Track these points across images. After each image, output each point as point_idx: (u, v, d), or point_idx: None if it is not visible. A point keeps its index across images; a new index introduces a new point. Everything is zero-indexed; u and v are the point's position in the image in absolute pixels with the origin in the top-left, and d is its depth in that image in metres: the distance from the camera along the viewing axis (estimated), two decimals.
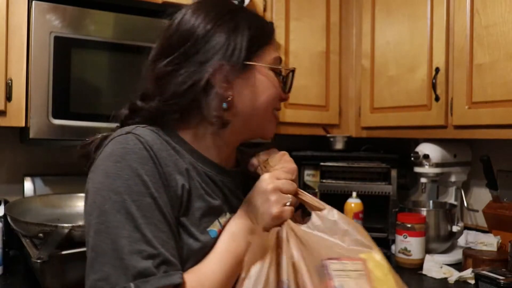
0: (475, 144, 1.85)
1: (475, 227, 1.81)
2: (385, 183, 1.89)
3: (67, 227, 1.18)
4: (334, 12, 2.01)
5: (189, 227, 0.75)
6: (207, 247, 0.76)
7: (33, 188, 1.65)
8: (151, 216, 0.69)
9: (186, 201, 0.75)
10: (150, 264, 0.66)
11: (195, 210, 0.76)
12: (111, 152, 0.73)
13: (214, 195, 0.80)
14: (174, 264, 0.70)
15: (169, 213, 0.72)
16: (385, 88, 1.85)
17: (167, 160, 0.75)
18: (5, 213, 1.34)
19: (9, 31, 1.37)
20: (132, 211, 0.68)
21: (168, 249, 0.69)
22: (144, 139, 0.74)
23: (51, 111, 1.40)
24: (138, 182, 0.70)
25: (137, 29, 1.52)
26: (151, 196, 0.70)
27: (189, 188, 0.76)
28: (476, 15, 1.47)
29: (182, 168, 0.77)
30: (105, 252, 0.67)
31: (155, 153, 0.73)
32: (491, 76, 1.42)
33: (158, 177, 0.72)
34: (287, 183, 0.78)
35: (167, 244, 0.70)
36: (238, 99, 0.80)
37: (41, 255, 1.09)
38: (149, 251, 0.67)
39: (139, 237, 0.67)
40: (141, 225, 0.68)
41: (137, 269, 0.66)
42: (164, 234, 0.70)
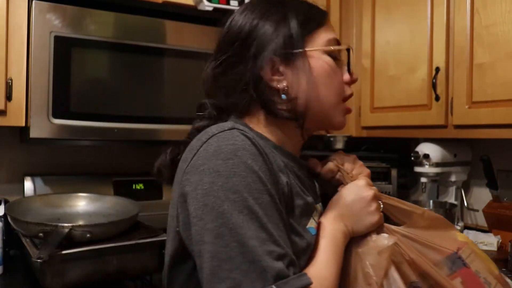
0: (475, 144, 1.85)
1: (475, 227, 1.81)
2: (385, 182, 1.89)
3: (67, 227, 1.18)
4: (334, 11, 2.01)
5: (294, 226, 0.72)
6: (311, 245, 0.74)
7: (33, 188, 1.65)
8: (272, 215, 0.65)
9: (290, 199, 0.72)
10: (282, 266, 0.62)
11: (296, 208, 0.73)
12: (217, 149, 0.67)
13: (307, 192, 0.79)
14: (297, 265, 0.66)
15: (281, 211, 0.68)
16: (385, 88, 1.85)
17: (270, 156, 0.70)
18: (5, 213, 1.34)
19: (9, 30, 1.37)
20: (256, 210, 0.63)
21: (290, 249, 0.66)
22: (251, 135, 0.70)
23: (51, 111, 1.40)
24: (255, 179, 0.65)
25: (137, 28, 1.52)
26: (269, 194, 0.66)
27: (290, 185, 0.73)
28: (476, 14, 1.47)
29: (281, 164, 0.73)
30: (232, 257, 0.61)
31: (263, 149, 0.69)
32: (491, 75, 1.42)
33: (269, 174, 0.68)
34: (378, 190, 0.81)
35: (287, 243, 0.66)
36: (297, 88, 0.76)
37: (41, 254, 1.09)
38: (278, 251, 0.63)
39: (266, 237, 0.63)
40: (266, 224, 0.63)
41: (276, 271, 0.61)
42: (284, 234, 0.67)
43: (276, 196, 0.68)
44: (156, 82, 1.56)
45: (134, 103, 1.52)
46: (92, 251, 1.20)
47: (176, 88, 1.59)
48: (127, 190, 1.76)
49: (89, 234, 1.20)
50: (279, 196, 0.69)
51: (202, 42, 1.61)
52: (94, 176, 1.77)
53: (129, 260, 1.26)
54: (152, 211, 1.71)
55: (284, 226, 0.68)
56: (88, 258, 1.20)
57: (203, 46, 1.59)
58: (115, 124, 1.49)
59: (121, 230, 1.30)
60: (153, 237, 1.31)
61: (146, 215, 1.54)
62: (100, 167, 1.84)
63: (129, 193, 1.74)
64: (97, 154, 1.84)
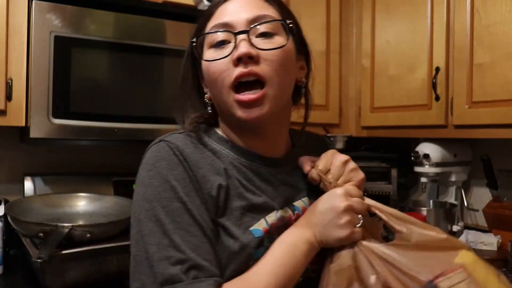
0: (475, 144, 1.85)
1: (475, 227, 1.81)
2: (385, 182, 1.89)
3: (67, 227, 1.18)
4: (334, 11, 2.01)
5: (229, 228, 0.72)
6: (248, 247, 0.71)
7: (33, 188, 1.65)
8: (180, 221, 0.68)
9: (223, 201, 0.73)
10: (178, 270, 0.65)
11: (234, 209, 0.73)
12: (146, 161, 0.75)
13: (259, 192, 0.76)
14: (207, 269, 0.67)
15: (201, 216, 0.70)
16: (385, 88, 1.85)
17: (200, 162, 0.74)
18: (5, 213, 1.34)
19: (9, 30, 1.37)
20: (161, 218, 0.68)
21: (200, 254, 0.67)
22: (175, 145, 0.74)
23: (51, 111, 1.40)
24: (167, 188, 0.70)
25: (137, 28, 1.52)
26: (180, 201, 0.69)
27: (226, 187, 0.74)
28: (476, 14, 1.47)
29: (220, 168, 0.75)
30: (141, 262, 0.68)
31: (185, 157, 0.73)
32: (491, 75, 1.42)
33: (188, 181, 0.71)
34: (360, 202, 0.73)
35: (199, 248, 0.68)
36: (206, 83, 0.80)
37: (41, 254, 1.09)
38: (177, 257, 0.66)
39: (167, 243, 0.67)
40: (170, 231, 0.67)
41: (165, 276, 0.65)
42: (195, 238, 0.68)
43: (194, 202, 0.70)
44: (156, 82, 1.56)
45: (134, 103, 1.52)
46: (92, 251, 1.20)
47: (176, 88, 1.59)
48: (127, 190, 1.76)
49: (89, 234, 1.20)
50: (203, 200, 0.71)
51: None
52: (94, 176, 1.77)
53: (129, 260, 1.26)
54: None
55: (202, 231, 0.69)
56: (88, 258, 1.20)
57: None
58: (115, 124, 1.49)
59: (121, 230, 1.30)
60: None
61: None
62: (100, 167, 1.84)
63: (129, 193, 1.72)
64: (97, 154, 1.84)
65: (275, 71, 0.74)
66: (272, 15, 0.77)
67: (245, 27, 0.74)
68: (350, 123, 2.05)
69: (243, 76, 0.72)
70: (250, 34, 0.74)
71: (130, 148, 1.92)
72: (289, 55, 0.77)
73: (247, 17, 0.75)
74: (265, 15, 0.76)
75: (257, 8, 0.77)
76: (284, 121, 0.83)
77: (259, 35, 0.75)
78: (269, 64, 0.73)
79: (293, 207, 0.80)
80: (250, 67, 0.72)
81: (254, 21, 0.75)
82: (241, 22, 0.75)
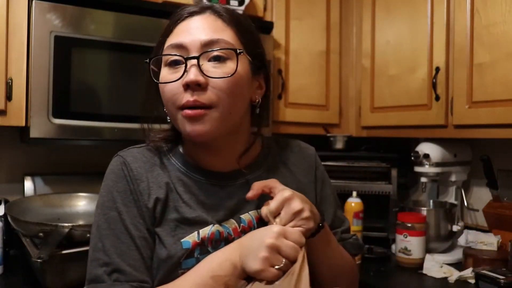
0: (475, 144, 1.85)
1: (475, 227, 1.81)
2: (385, 182, 1.89)
3: (67, 227, 1.18)
4: (334, 11, 2.01)
5: (162, 237, 0.78)
6: (174, 257, 0.76)
7: (33, 188, 1.65)
8: (114, 228, 0.78)
9: (160, 213, 0.79)
10: (102, 272, 0.75)
11: (170, 221, 0.79)
12: (106, 172, 0.84)
13: (196, 206, 0.80)
14: (129, 273, 0.75)
15: (135, 226, 0.78)
16: (386, 88, 1.85)
17: (143, 176, 0.81)
18: (6, 213, 1.34)
19: (9, 30, 1.37)
20: (100, 224, 0.79)
21: (125, 259, 0.76)
22: (126, 160, 0.82)
23: (51, 111, 1.40)
24: (109, 198, 0.80)
25: (137, 28, 1.52)
26: (117, 210, 0.79)
27: (165, 200, 0.80)
28: (476, 14, 1.47)
29: (162, 182, 0.81)
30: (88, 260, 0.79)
31: (131, 171, 0.81)
32: (491, 75, 1.42)
33: (129, 193, 0.80)
34: (290, 247, 0.70)
35: (125, 254, 0.76)
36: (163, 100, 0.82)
37: (42, 254, 1.09)
38: (104, 260, 0.76)
39: (100, 246, 0.77)
40: (103, 236, 0.78)
41: (91, 275, 0.76)
42: (123, 245, 0.77)
43: (130, 212, 0.78)
44: None
45: (134, 103, 1.52)
46: None
47: None
48: None
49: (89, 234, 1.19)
50: (140, 211, 0.79)
51: None
52: (94, 176, 1.77)
53: None
54: None
55: (131, 239, 0.77)
56: None
57: None
58: (115, 124, 1.49)
59: None
60: None
61: None
62: (100, 167, 1.83)
63: None
64: (97, 154, 1.84)
65: (222, 98, 0.76)
66: (227, 39, 0.78)
67: (197, 51, 0.76)
68: (350, 123, 2.05)
69: (189, 105, 0.75)
70: (201, 59, 0.76)
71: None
72: (239, 81, 0.78)
73: (201, 40, 0.77)
74: (219, 40, 0.77)
75: (213, 30, 0.78)
76: (239, 138, 0.85)
77: (211, 59, 0.77)
78: (216, 93, 0.75)
79: (239, 219, 0.82)
80: (196, 95, 0.75)
81: (207, 45, 0.77)
82: (194, 45, 0.77)
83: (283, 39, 1.89)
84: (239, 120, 0.82)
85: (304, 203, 0.75)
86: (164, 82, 0.78)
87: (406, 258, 1.59)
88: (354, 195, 1.80)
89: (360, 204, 1.80)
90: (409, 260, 1.58)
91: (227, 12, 0.82)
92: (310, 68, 1.95)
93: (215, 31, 0.78)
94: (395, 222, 1.66)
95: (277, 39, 1.87)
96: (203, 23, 0.79)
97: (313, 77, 1.96)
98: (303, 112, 1.93)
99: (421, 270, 1.54)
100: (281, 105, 1.88)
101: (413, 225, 1.59)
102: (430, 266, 1.53)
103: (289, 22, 1.90)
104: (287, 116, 1.89)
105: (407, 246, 1.59)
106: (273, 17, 1.86)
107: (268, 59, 1.78)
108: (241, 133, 0.85)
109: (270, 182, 0.80)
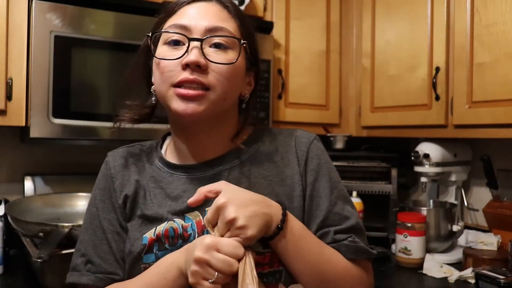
0: (476, 144, 1.85)
1: (475, 227, 1.81)
2: (385, 182, 1.89)
3: (67, 227, 1.18)
4: (335, 11, 2.01)
5: (130, 232, 0.83)
6: (134, 252, 0.80)
7: (34, 188, 1.65)
8: (92, 223, 0.85)
9: (129, 209, 0.84)
10: (80, 262, 0.83)
11: (137, 217, 0.83)
12: None
13: (163, 200, 0.82)
14: (98, 265, 0.82)
15: (108, 221, 0.84)
16: (386, 88, 1.85)
17: (118, 174, 0.87)
18: (6, 213, 1.34)
19: (9, 30, 1.37)
20: (85, 218, 0.87)
21: (97, 252, 0.83)
22: (108, 159, 0.90)
23: (51, 111, 1.40)
24: (93, 195, 0.88)
25: (137, 28, 1.52)
26: (95, 207, 0.86)
27: (133, 197, 0.84)
28: (476, 14, 1.47)
29: (132, 180, 0.86)
30: None
31: (109, 169, 0.88)
32: (491, 75, 1.42)
33: (107, 191, 0.86)
34: (222, 262, 0.65)
35: (97, 247, 0.83)
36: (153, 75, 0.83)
37: (42, 254, 1.09)
38: (82, 251, 0.84)
39: (82, 239, 0.85)
40: (84, 230, 0.86)
41: (72, 264, 0.85)
42: (97, 239, 0.84)
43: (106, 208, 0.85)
44: None
45: None
46: None
47: None
48: None
49: None
50: (113, 207, 0.85)
51: None
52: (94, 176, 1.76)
53: None
54: None
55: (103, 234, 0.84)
56: None
57: None
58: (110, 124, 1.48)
59: None
60: None
61: None
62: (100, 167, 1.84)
63: None
64: (97, 154, 1.84)
65: (221, 82, 0.77)
66: (230, 30, 0.79)
67: (201, 35, 0.77)
68: (350, 123, 2.05)
69: (187, 82, 0.75)
70: (204, 43, 0.76)
71: None
72: (237, 71, 0.79)
73: (206, 26, 0.77)
74: (223, 28, 0.78)
75: (218, 18, 0.79)
76: (219, 129, 0.84)
77: (212, 45, 0.78)
78: (216, 76, 0.76)
79: (204, 212, 0.78)
80: (196, 75, 0.75)
81: (211, 31, 0.78)
82: (198, 29, 0.77)
83: (283, 39, 1.89)
84: (228, 109, 0.83)
85: (241, 209, 0.68)
86: (163, 59, 0.78)
87: (406, 258, 1.59)
88: (354, 195, 1.80)
89: (360, 204, 1.80)
90: (409, 260, 1.58)
91: (232, 4, 0.83)
92: (310, 68, 1.95)
93: (219, 20, 0.79)
94: (395, 222, 1.66)
95: (277, 39, 1.87)
96: (208, 9, 0.80)
97: (313, 77, 1.96)
98: (303, 112, 1.93)
99: (421, 270, 1.53)
100: (281, 105, 1.88)
101: (413, 225, 1.59)
102: (430, 266, 1.53)
103: (289, 22, 1.90)
104: (287, 116, 1.89)
105: (407, 246, 1.59)
106: (273, 17, 1.87)
107: (268, 59, 1.78)
108: (225, 125, 0.85)
109: (218, 185, 0.74)
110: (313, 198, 0.83)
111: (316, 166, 0.85)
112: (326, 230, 0.81)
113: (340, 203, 0.84)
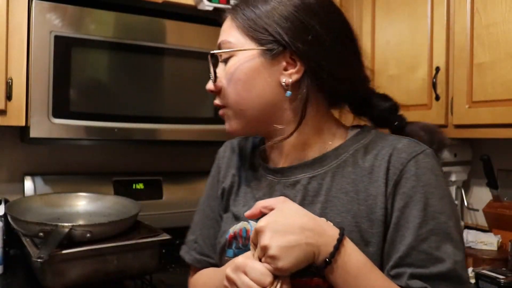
0: (476, 143, 1.85)
1: (475, 226, 1.81)
2: None
3: (67, 226, 1.18)
4: None
5: (222, 223, 0.88)
6: (221, 243, 0.84)
7: (34, 187, 1.65)
8: (203, 206, 0.94)
9: (225, 201, 0.88)
10: (191, 239, 0.93)
11: (229, 210, 0.87)
12: None
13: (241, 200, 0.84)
14: (201, 245, 0.90)
15: (211, 208, 0.92)
16: (385, 88, 1.82)
17: (224, 165, 0.92)
18: (6, 212, 1.34)
19: (9, 30, 1.37)
20: (200, 201, 0.96)
21: (202, 234, 0.91)
22: (222, 149, 0.95)
23: (51, 110, 1.40)
24: (208, 179, 0.95)
25: (137, 28, 1.52)
26: (206, 191, 0.94)
27: (228, 191, 0.88)
28: (476, 14, 1.47)
29: (230, 173, 0.89)
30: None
31: (219, 159, 0.94)
32: (491, 75, 1.42)
33: (214, 179, 0.93)
34: (246, 286, 0.64)
35: (203, 229, 0.91)
36: None
37: (42, 254, 1.09)
38: (193, 229, 0.94)
39: (194, 218, 0.95)
40: (197, 210, 0.95)
41: (186, 238, 0.94)
42: (203, 222, 0.92)
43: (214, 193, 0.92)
44: (156, 82, 1.56)
45: (134, 103, 1.52)
46: (92, 251, 1.20)
47: (176, 87, 1.59)
48: (127, 190, 1.76)
49: (89, 234, 1.20)
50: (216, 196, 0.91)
51: (202, 42, 1.61)
52: (94, 176, 1.77)
53: (129, 260, 1.26)
54: (152, 211, 1.71)
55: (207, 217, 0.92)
56: (88, 258, 1.20)
57: (203, 45, 1.59)
58: (115, 124, 1.49)
59: (121, 230, 1.30)
60: (153, 237, 1.31)
61: (146, 215, 1.54)
62: (100, 167, 1.84)
63: (129, 192, 1.74)
64: (97, 154, 1.84)
65: (228, 97, 0.78)
66: (226, 39, 0.77)
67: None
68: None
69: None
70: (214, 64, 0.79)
71: (130, 148, 1.92)
72: (248, 72, 0.75)
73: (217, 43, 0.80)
74: (221, 42, 0.79)
75: (224, 31, 0.79)
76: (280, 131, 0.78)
77: (223, 61, 0.79)
78: (225, 92, 0.78)
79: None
80: (216, 99, 0.81)
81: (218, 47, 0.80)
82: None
83: None
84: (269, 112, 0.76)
85: (276, 237, 0.63)
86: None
87: None
88: None
89: None
90: None
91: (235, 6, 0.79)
92: None
93: (225, 32, 0.79)
94: None
95: None
96: (222, 29, 0.81)
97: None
98: None
99: None
100: None
101: None
102: None
103: None
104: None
105: None
106: None
107: None
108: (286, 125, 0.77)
109: (274, 202, 0.70)
110: (399, 227, 0.69)
111: (410, 190, 0.70)
112: (401, 271, 0.67)
113: (434, 240, 0.67)
